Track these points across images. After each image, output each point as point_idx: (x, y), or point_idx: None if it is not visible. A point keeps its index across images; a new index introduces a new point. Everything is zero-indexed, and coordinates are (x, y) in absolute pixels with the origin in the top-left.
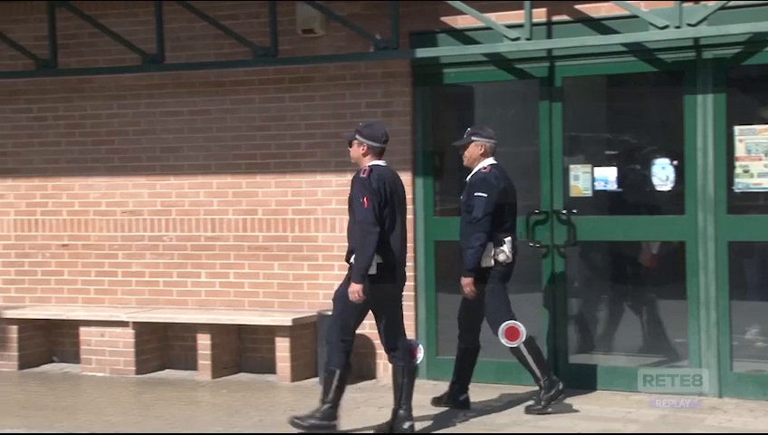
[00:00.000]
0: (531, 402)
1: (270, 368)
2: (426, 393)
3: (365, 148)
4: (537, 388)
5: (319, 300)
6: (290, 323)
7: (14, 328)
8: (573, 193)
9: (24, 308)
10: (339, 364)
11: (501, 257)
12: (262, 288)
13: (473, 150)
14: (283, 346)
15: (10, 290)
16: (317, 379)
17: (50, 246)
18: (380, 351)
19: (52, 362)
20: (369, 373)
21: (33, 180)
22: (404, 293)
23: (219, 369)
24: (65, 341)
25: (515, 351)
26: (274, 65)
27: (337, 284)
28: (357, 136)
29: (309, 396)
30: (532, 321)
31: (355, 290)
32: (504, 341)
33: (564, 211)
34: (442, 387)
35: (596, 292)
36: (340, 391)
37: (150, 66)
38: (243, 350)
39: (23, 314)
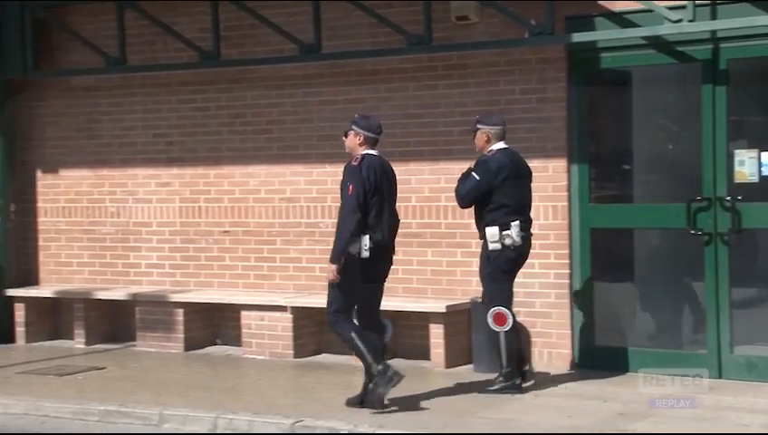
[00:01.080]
0: (490, 385)
1: (424, 354)
2: (582, 382)
3: (361, 138)
4: (498, 373)
5: (472, 287)
6: (444, 310)
7: (180, 311)
8: (738, 179)
9: (188, 292)
10: (352, 328)
11: (507, 241)
12: (415, 275)
13: (479, 138)
14: (437, 333)
15: (176, 274)
16: (471, 366)
17: (212, 233)
18: (535, 339)
19: (216, 344)
20: (523, 359)
21: (196, 169)
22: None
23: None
24: (228, 324)
25: (496, 335)
26: (428, 53)
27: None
28: (353, 127)
29: (463, 382)
30: (695, 310)
31: (330, 270)
32: (490, 323)
33: (728, 198)
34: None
35: (763, 281)
36: (373, 352)
37: (308, 56)
38: (397, 336)
39: (188, 298)
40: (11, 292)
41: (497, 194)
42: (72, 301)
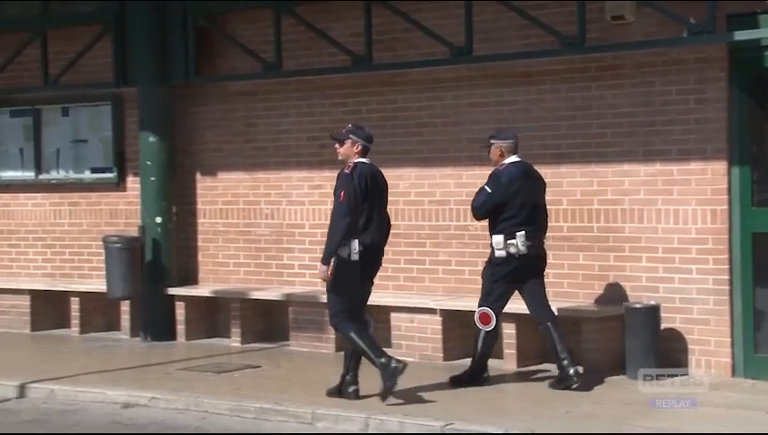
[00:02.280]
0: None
1: (576, 360)
2: (742, 392)
3: (359, 146)
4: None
5: (626, 292)
6: (596, 315)
7: None
8: None
9: None
10: (351, 329)
11: (512, 250)
12: (566, 279)
13: (493, 152)
14: (589, 338)
15: None
16: (625, 374)
17: None
18: (693, 346)
19: None
20: (679, 366)
21: None
22: None
23: (524, 358)
24: (377, 326)
25: (478, 332)
26: (582, 54)
27: (644, 274)
28: (351, 136)
29: (617, 387)
30: None
31: (320, 270)
32: (477, 322)
33: None
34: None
35: None
36: (369, 341)
37: (459, 59)
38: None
39: None
40: (172, 290)
41: (508, 205)
42: (228, 300)
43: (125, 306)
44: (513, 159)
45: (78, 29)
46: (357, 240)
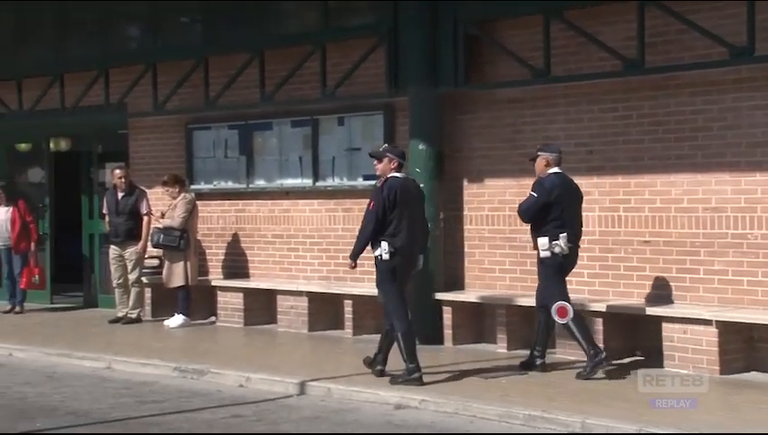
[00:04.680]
0: (580, 370)
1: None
2: None
3: (395, 163)
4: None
5: None
6: None
7: (600, 320)
8: None
9: (607, 302)
10: (400, 328)
11: (556, 250)
12: None
13: (539, 163)
14: None
15: (594, 284)
16: None
17: (632, 242)
18: None
19: (635, 356)
20: None
21: (616, 178)
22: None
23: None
24: (647, 336)
25: (566, 326)
26: None
27: None
28: (387, 154)
29: None
30: None
31: (347, 264)
32: (555, 317)
33: None
34: None
35: None
36: (410, 348)
37: (739, 59)
38: None
39: (606, 307)
40: (439, 295)
41: (550, 209)
42: (494, 306)
43: None
44: (556, 170)
45: (352, 41)
46: (387, 242)
